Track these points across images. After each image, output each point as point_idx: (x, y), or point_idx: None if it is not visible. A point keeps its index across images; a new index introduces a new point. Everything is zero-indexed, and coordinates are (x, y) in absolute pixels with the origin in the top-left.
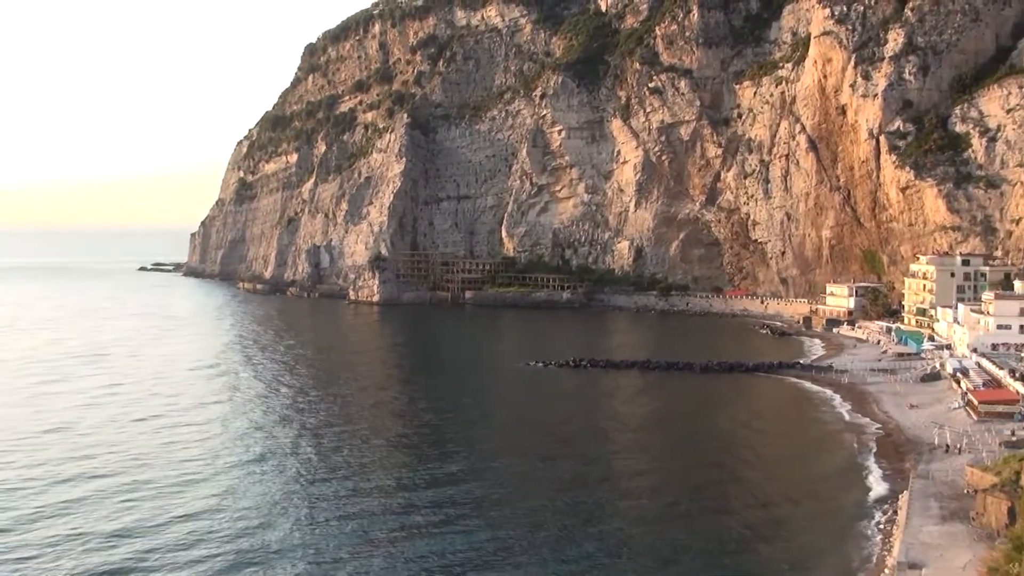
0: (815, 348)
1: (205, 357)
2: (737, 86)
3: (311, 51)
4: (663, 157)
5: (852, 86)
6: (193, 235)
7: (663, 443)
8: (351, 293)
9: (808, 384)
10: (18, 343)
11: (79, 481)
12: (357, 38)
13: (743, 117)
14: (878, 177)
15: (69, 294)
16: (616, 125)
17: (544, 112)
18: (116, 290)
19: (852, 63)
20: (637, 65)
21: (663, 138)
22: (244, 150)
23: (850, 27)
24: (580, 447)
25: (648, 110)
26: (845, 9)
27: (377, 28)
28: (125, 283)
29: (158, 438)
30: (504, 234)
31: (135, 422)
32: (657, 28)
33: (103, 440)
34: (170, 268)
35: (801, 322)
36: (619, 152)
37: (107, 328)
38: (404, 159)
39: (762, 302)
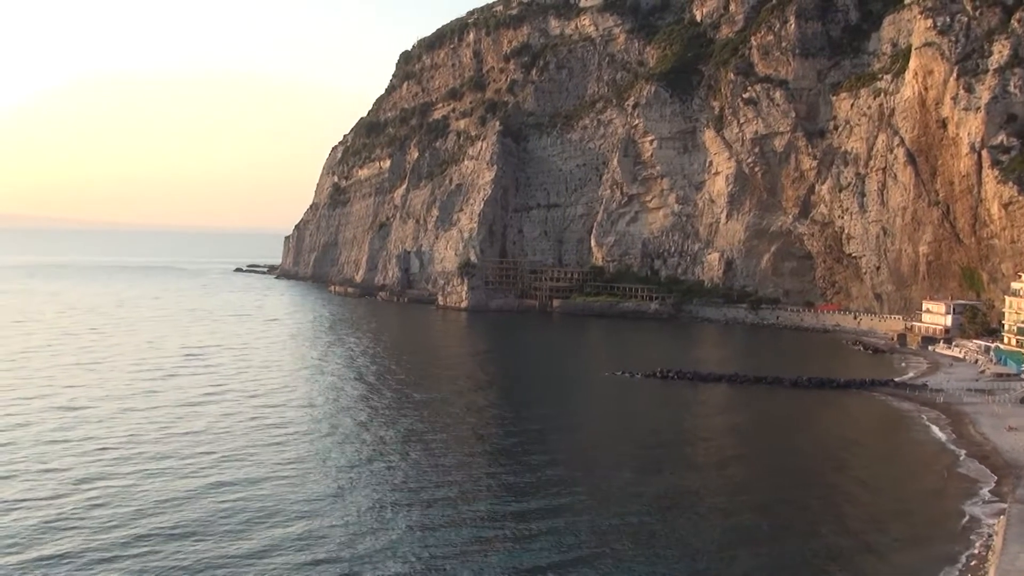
0: (909, 366)
1: (306, 358)
2: (834, 97)
3: (406, 59)
4: (756, 168)
5: (954, 99)
6: (287, 238)
7: (750, 459)
8: (440, 299)
9: (901, 403)
10: (126, 341)
11: (190, 479)
12: (452, 46)
13: (839, 129)
14: (979, 192)
15: (170, 294)
16: (709, 136)
17: (636, 122)
18: (213, 291)
19: (954, 75)
20: (732, 75)
21: (756, 149)
22: (339, 156)
23: (953, 38)
24: (666, 460)
25: (742, 121)
26: (948, 20)
27: (471, 36)
28: (221, 284)
29: (268, 437)
30: (593, 243)
31: (246, 422)
32: (753, 38)
33: (214, 440)
34: (264, 270)
35: (895, 339)
36: (711, 163)
37: (209, 329)
38: (495, 167)
39: (855, 318)
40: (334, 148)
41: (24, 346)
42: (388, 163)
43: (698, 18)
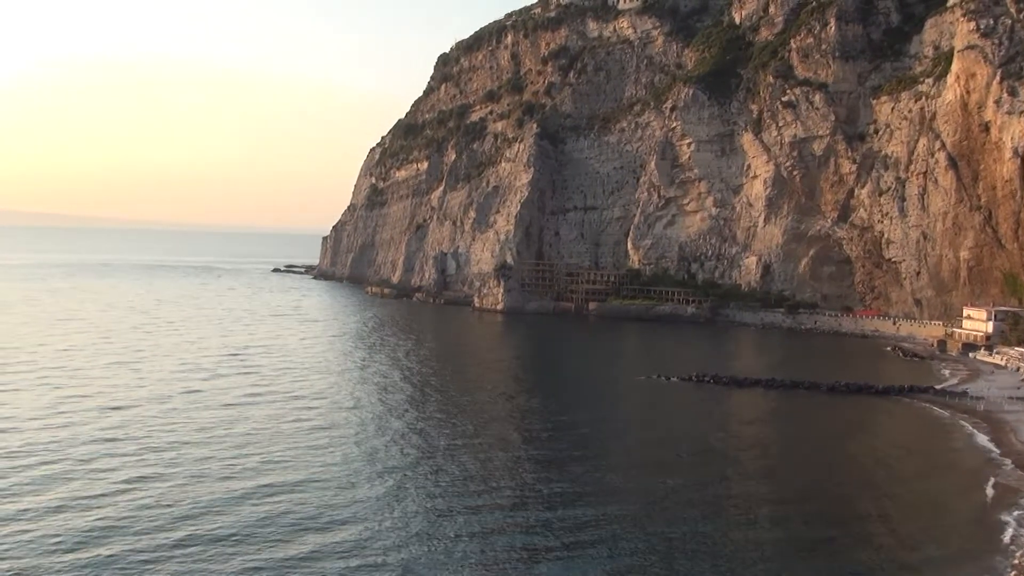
0: (949, 373)
1: (347, 360)
2: (874, 101)
3: (444, 61)
4: (795, 172)
5: (997, 102)
6: (325, 239)
7: (791, 465)
8: (476, 300)
9: (940, 410)
10: (167, 341)
11: (235, 480)
12: (489, 48)
13: (880, 133)
14: (1022, 197)
15: (209, 294)
16: (747, 139)
17: (674, 124)
18: (252, 291)
19: (998, 78)
20: (770, 78)
21: (795, 153)
22: (376, 157)
23: (996, 41)
24: (701, 465)
25: (780, 124)
26: (992, 22)
27: (509, 39)
28: (260, 284)
29: (311, 439)
30: (630, 246)
31: (289, 423)
32: (792, 41)
33: (258, 441)
34: (301, 270)
35: (935, 345)
36: (749, 166)
37: (249, 329)
38: (532, 169)
39: (894, 323)
40: (372, 150)
41: (66, 345)
42: (425, 165)
43: (737, 20)
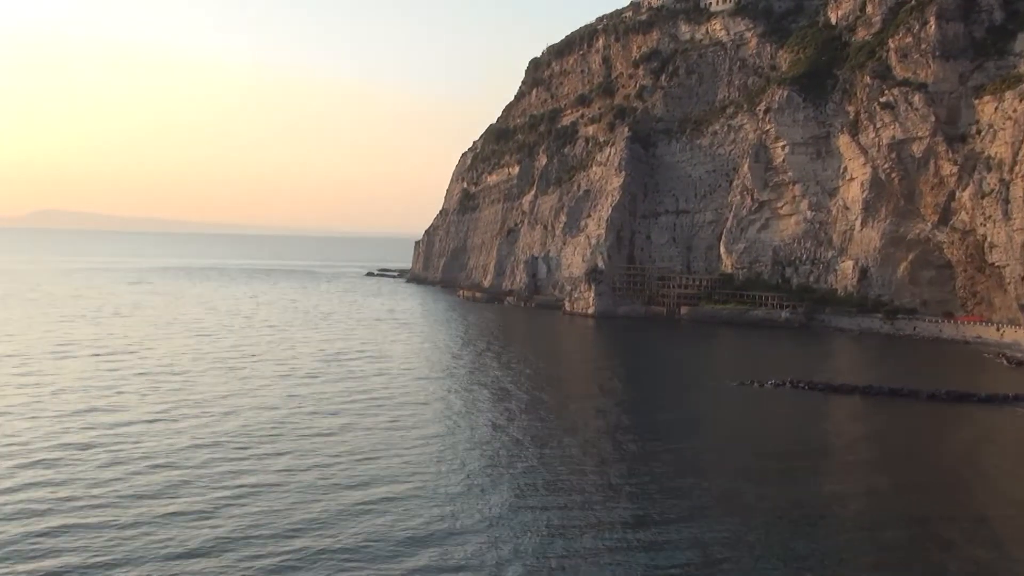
0: None
1: (441, 363)
2: (976, 101)
3: (535, 65)
4: (893, 174)
5: None
6: (417, 243)
7: (888, 473)
8: (566, 304)
9: None
10: (266, 343)
11: (334, 479)
12: (581, 52)
13: (982, 133)
14: None
15: (307, 296)
16: (843, 141)
17: (768, 127)
18: (348, 294)
19: None
20: (868, 79)
21: (894, 155)
22: (468, 162)
23: None
24: (796, 474)
25: (878, 126)
26: None
27: (601, 43)
28: (355, 287)
29: (423, 446)
30: (722, 250)
31: (397, 430)
32: (891, 40)
33: (357, 441)
34: (395, 274)
35: None
36: (845, 169)
37: (346, 331)
38: (624, 173)
39: (998, 329)
40: (463, 155)
41: (171, 349)
42: (517, 169)
43: (833, 20)
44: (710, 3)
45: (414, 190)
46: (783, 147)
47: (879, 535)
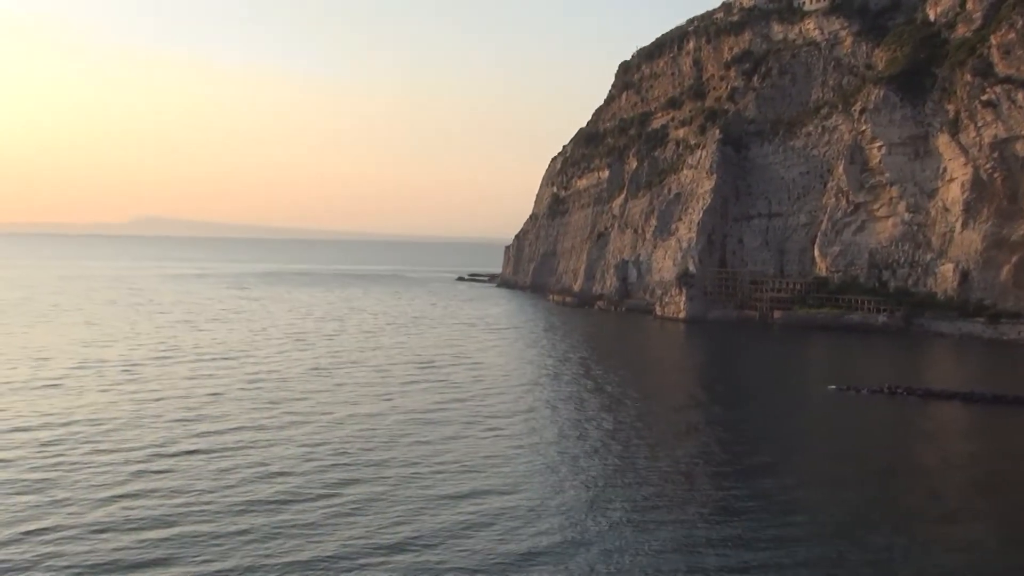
0: None
1: (535, 369)
2: None
3: (625, 68)
4: (995, 174)
5: None
6: (507, 248)
7: (996, 487)
8: (657, 308)
9: None
10: (359, 348)
11: (432, 489)
12: (671, 55)
13: None
14: None
15: (399, 301)
16: (942, 140)
17: (863, 127)
18: (439, 299)
19: None
20: (968, 77)
21: (996, 154)
22: (558, 166)
23: None
24: (893, 485)
25: (980, 124)
26: None
27: (691, 44)
28: (445, 292)
29: (506, 449)
30: (816, 253)
31: (490, 432)
32: (992, 37)
33: (452, 450)
34: (485, 279)
35: None
36: (945, 169)
37: (437, 337)
38: (715, 175)
39: None
40: (553, 159)
41: (270, 354)
42: (607, 173)
43: (931, 17)
44: (803, 2)
45: (501, 194)
46: (879, 148)
47: (1003, 553)
